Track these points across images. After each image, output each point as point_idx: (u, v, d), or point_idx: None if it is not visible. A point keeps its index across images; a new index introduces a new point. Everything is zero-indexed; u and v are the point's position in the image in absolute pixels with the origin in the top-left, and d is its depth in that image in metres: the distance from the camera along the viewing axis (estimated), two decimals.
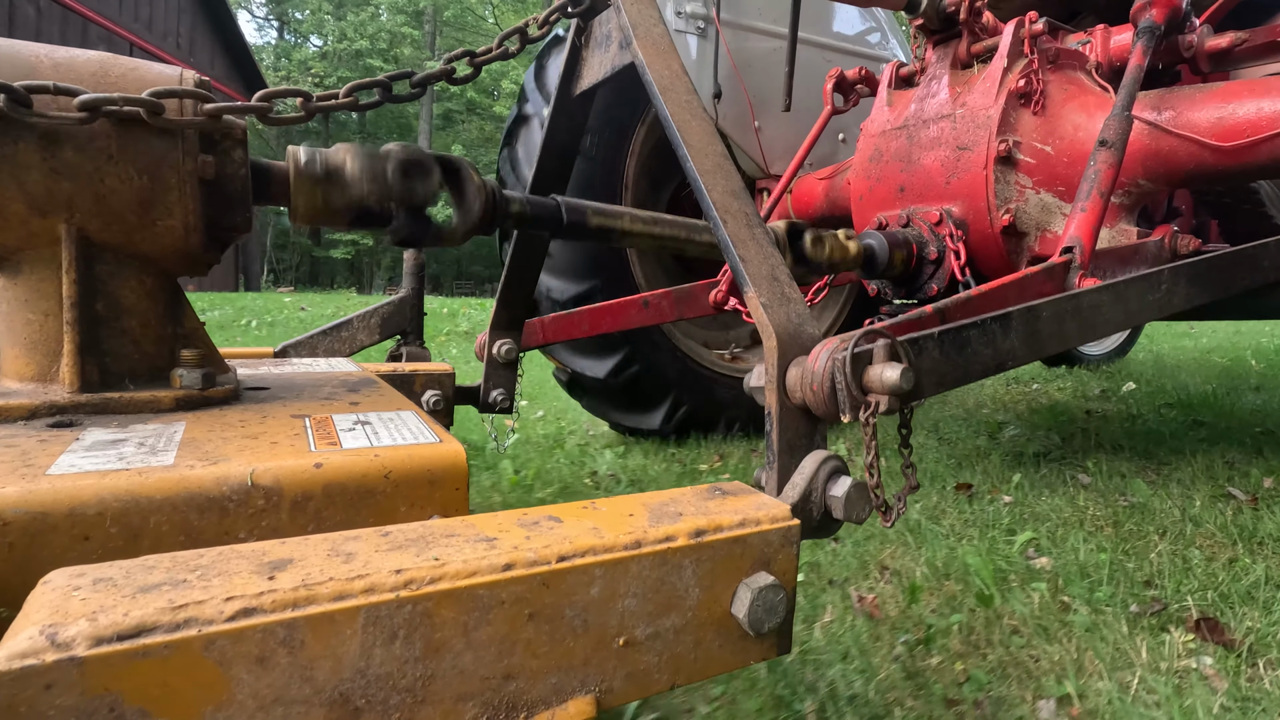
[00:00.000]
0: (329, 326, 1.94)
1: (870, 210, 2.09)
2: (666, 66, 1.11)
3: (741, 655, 0.67)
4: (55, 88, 0.78)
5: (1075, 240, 1.37)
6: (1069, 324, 1.07)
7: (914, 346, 0.82)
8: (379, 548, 0.56)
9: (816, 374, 0.75)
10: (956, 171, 1.87)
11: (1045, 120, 1.87)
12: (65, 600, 0.46)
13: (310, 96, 0.97)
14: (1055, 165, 1.86)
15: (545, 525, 0.62)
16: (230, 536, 0.67)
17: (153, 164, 0.85)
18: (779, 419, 0.78)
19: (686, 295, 2.20)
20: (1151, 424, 3.11)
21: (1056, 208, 1.86)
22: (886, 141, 2.07)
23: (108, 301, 0.90)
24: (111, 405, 0.87)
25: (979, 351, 0.92)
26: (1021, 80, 1.84)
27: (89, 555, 0.62)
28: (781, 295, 0.86)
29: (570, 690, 0.58)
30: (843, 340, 0.77)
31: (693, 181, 0.96)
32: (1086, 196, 1.45)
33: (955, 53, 2.02)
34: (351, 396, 1.08)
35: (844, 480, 0.75)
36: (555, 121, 1.55)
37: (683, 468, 2.61)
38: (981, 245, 1.85)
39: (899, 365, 0.73)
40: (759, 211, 2.67)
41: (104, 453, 0.71)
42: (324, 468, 0.72)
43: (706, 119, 1.05)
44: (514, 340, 1.83)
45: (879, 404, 0.73)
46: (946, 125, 1.92)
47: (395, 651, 0.51)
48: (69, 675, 0.42)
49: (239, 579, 0.50)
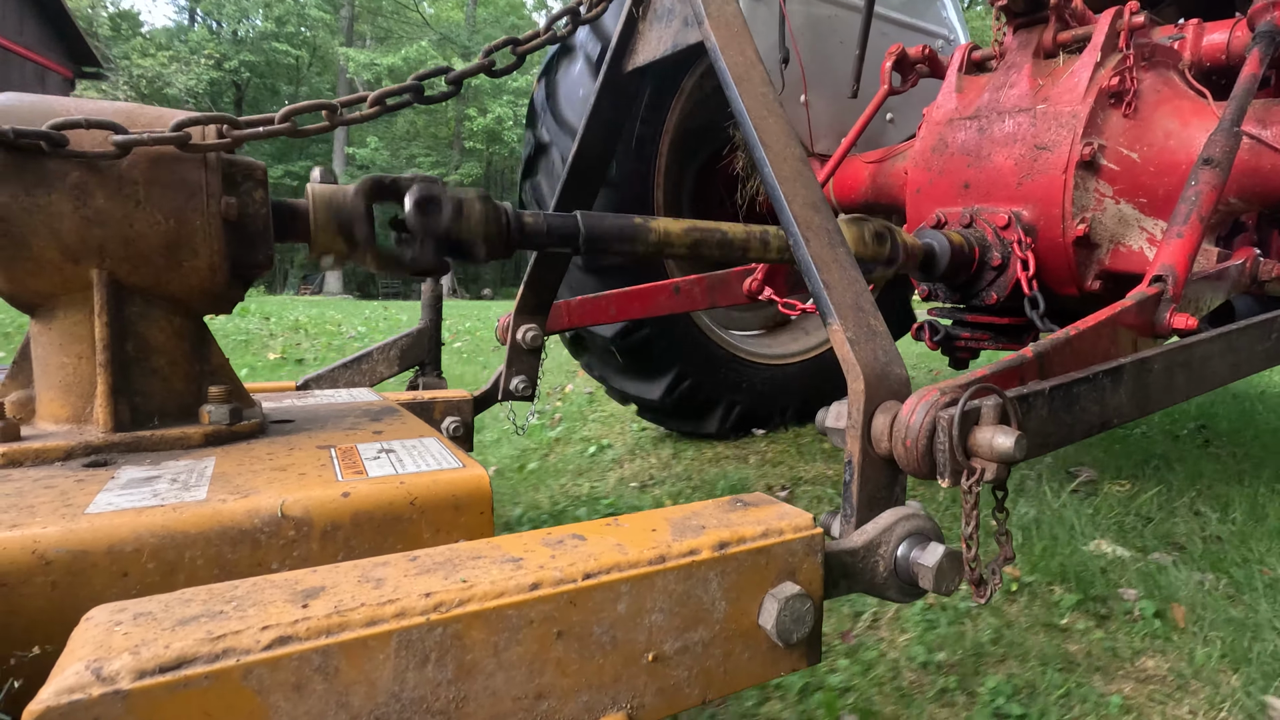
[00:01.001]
0: (349, 360, 1.97)
1: (929, 204, 1.94)
2: (741, 52, 1.00)
3: (771, 667, 0.67)
4: (89, 122, 0.81)
5: (1168, 270, 1.22)
6: (1178, 377, 0.98)
7: (1023, 404, 0.75)
8: (408, 572, 0.57)
9: (912, 429, 0.69)
10: (1032, 172, 1.73)
11: (1135, 124, 1.71)
12: (108, 635, 0.48)
13: (336, 108, 0.95)
14: (1140, 174, 1.70)
15: (570, 544, 0.62)
16: (263, 567, 0.69)
17: (179, 208, 0.88)
18: (860, 469, 0.72)
19: (720, 282, 2.09)
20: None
21: (1135, 220, 1.72)
22: (953, 131, 1.91)
23: (137, 342, 0.92)
24: (144, 443, 0.89)
25: (1087, 409, 0.84)
26: (1115, 78, 1.68)
27: (128, 591, 0.64)
28: (868, 329, 0.78)
29: (602, 708, 0.59)
30: (943, 393, 0.70)
31: (769, 189, 0.88)
32: (1184, 220, 1.30)
33: (1040, 40, 1.86)
34: (375, 425, 1.10)
35: (935, 547, 0.67)
36: (602, 98, 1.42)
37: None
38: (1049, 254, 1.72)
39: (1012, 432, 0.66)
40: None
41: (139, 490, 0.73)
42: (351, 497, 0.74)
43: (783, 115, 0.96)
44: (539, 326, 1.71)
45: (984, 471, 0.67)
46: (1025, 120, 1.77)
47: (428, 674, 0.52)
48: (115, 708, 0.44)
49: (273, 608, 0.51)
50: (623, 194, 2.46)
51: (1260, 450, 2.84)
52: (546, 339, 1.78)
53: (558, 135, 2.45)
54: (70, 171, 0.82)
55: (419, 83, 1.02)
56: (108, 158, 0.82)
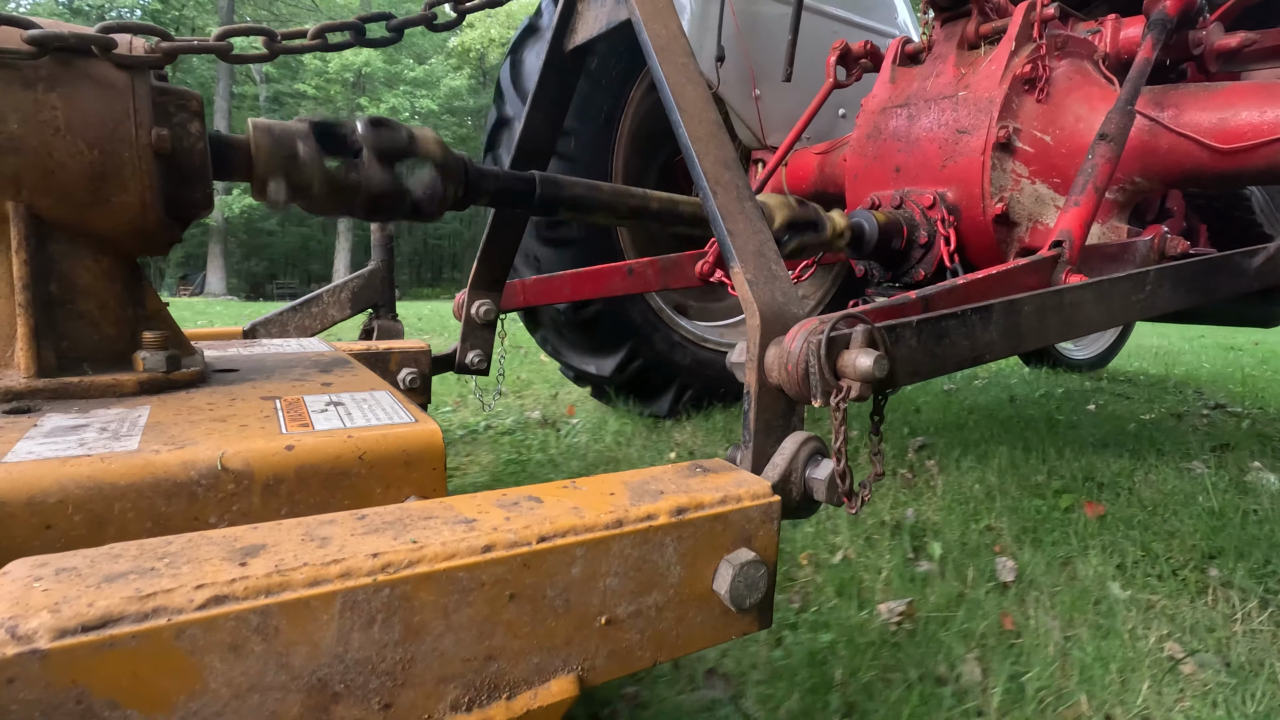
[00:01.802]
0: (298, 302, 1.90)
1: (864, 188, 2.05)
2: (664, 26, 1.06)
3: (723, 630, 0.67)
4: (3, 17, 0.73)
5: (1065, 235, 1.35)
6: (1050, 319, 1.06)
7: (891, 334, 0.81)
8: (355, 531, 0.55)
9: (792, 354, 0.74)
10: (954, 155, 1.84)
11: (1048, 109, 1.82)
12: (26, 592, 0.45)
13: (275, 35, 0.91)
14: (1053, 156, 1.82)
15: (525, 506, 0.61)
16: (200, 522, 0.66)
17: (104, 137, 0.81)
18: (757, 398, 0.77)
19: (673, 265, 2.16)
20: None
21: (1050, 199, 1.84)
22: (886, 119, 2.03)
23: (62, 283, 0.86)
24: (70, 390, 0.84)
25: (957, 342, 0.91)
26: (1027, 65, 1.79)
27: (52, 545, 0.60)
28: (768, 272, 0.84)
29: (552, 670, 0.58)
30: (821, 322, 0.76)
31: (684, 149, 0.93)
32: (1081, 190, 1.43)
33: (963, 32, 1.97)
34: (324, 377, 1.06)
35: (826, 463, 0.74)
36: (545, 78, 1.48)
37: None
38: (972, 232, 1.83)
39: (874, 352, 0.72)
40: (753, 184, 2.64)
41: (64, 439, 0.69)
42: (296, 450, 0.71)
43: (703, 84, 1.01)
44: (493, 301, 1.78)
45: (850, 390, 0.73)
46: (948, 106, 1.88)
47: (374, 636, 0.50)
48: (31, 669, 0.41)
49: (209, 566, 0.48)
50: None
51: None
52: (503, 316, 1.82)
53: (519, 109, 2.53)
54: None
55: (361, 23, 0.99)
56: (20, 56, 0.74)
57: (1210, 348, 7.20)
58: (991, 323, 0.96)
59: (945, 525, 1.81)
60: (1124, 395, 3.89)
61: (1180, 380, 4.68)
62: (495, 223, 1.64)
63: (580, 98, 2.51)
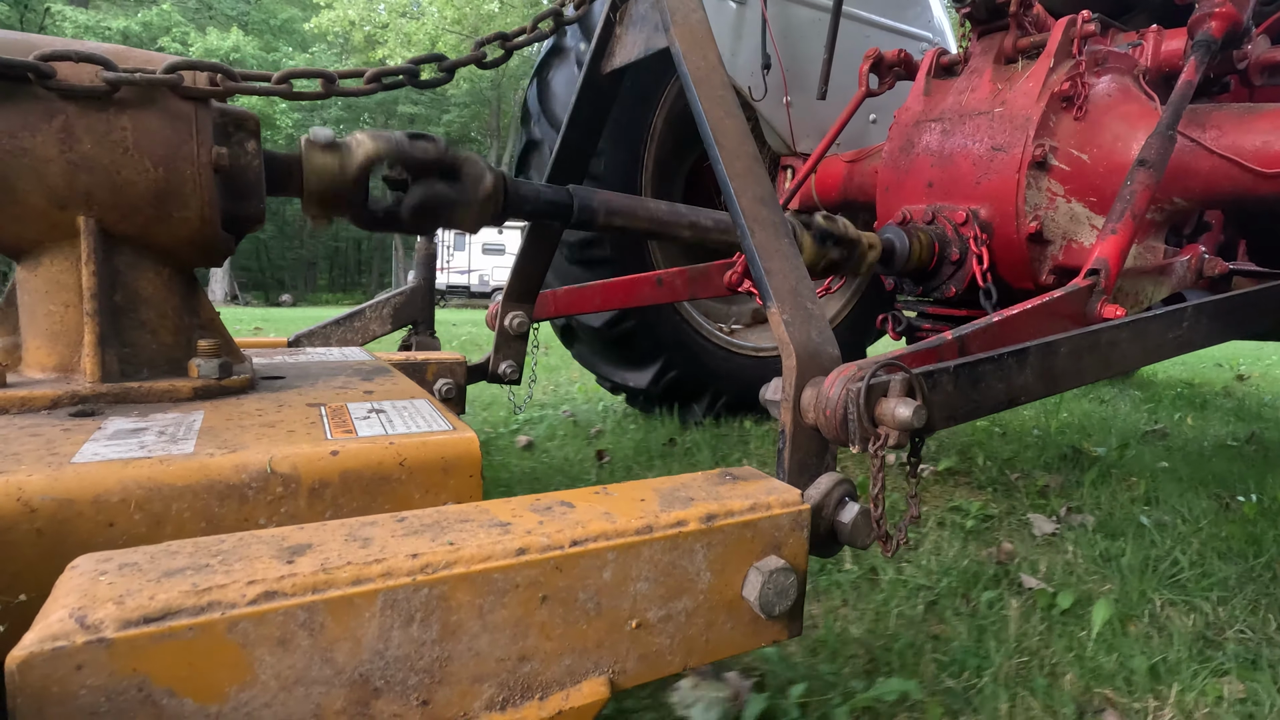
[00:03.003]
0: (341, 316, 1.96)
1: (896, 202, 2.03)
2: (703, 57, 1.07)
3: (753, 637, 0.68)
4: (80, 55, 0.79)
5: (1102, 264, 1.32)
6: (1086, 360, 1.05)
7: (929, 379, 0.81)
8: (395, 533, 0.57)
9: (830, 400, 0.75)
10: (989, 172, 1.81)
11: (1085, 127, 1.79)
12: (93, 584, 0.48)
13: (333, 78, 0.96)
14: (1090, 175, 1.79)
15: (558, 510, 0.62)
16: (250, 523, 0.69)
17: (168, 156, 0.86)
18: (792, 438, 0.79)
19: (701, 274, 2.17)
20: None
21: (1086, 218, 1.80)
22: (920, 133, 2.01)
23: (126, 293, 0.91)
24: (131, 395, 0.89)
25: (993, 386, 0.91)
26: (1066, 83, 1.75)
27: (114, 541, 0.63)
28: (804, 311, 0.85)
29: (584, 672, 0.59)
30: (859, 369, 0.77)
31: (722, 184, 0.94)
32: (1119, 218, 1.39)
33: (1001, 46, 1.93)
34: (366, 385, 1.09)
35: (852, 506, 0.75)
36: (582, 98, 1.50)
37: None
38: (1005, 250, 1.80)
39: (913, 402, 0.73)
40: (781, 191, 2.63)
41: (126, 441, 0.73)
42: (340, 455, 0.73)
43: (741, 116, 1.02)
44: (525, 313, 1.81)
45: (888, 438, 0.74)
46: (984, 122, 1.85)
47: (412, 634, 0.52)
48: (98, 657, 0.44)
49: (260, 563, 0.51)
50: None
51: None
52: (536, 326, 1.85)
53: (549, 132, 2.54)
54: (56, 114, 0.80)
55: (415, 66, 1.05)
56: (96, 94, 0.80)
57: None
58: (1028, 366, 0.96)
59: None
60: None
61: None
62: (530, 238, 1.67)
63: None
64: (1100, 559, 1.61)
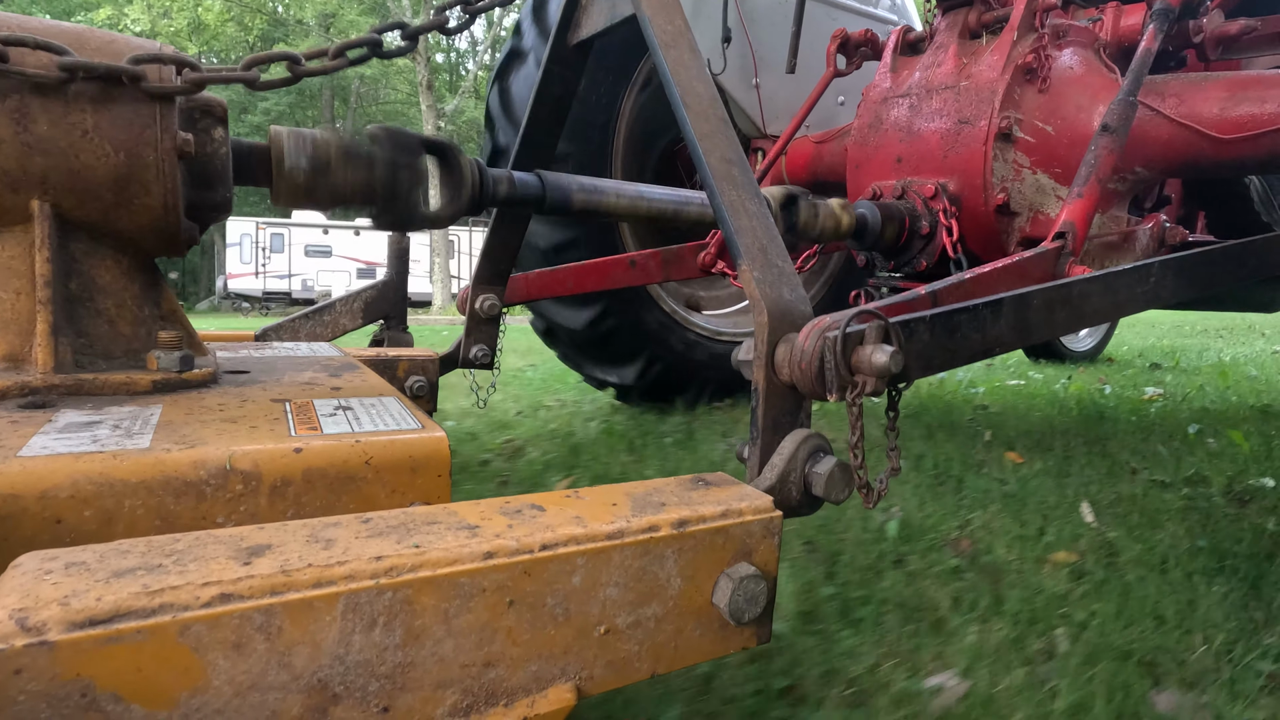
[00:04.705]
0: (311, 310, 1.92)
1: (866, 179, 2.04)
2: (669, 21, 1.05)
3: (722, 644, 0.67)
4: (35, 42, 0.76)
5: (1069, 226, 1.35)
6: (1058, 312, 1.06)
7: (905, 329, 0.81)
8: (359, 534, 0.55)
9: (806, 352, 0.75)
10: (956, 145, 1.82)
11: (1049, 99, 1.81)
12: (36, 584, 0.45)
13: (299, 59, 0.94)
14: (1055, 146, 1.81)
15: (528, 514, 0.61)
16: (207, 521, 0.67)
17: (130, 140, 0.83)
18: (765, 396, 0.77)
19: (674, 256, 2.16)
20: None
21: (1052, 189, 1.83)
22: (887, 109, 2.01)
23: (82, 280, 0.88)
24: (86, 387, 0.85)
25: (968, 336, 0.92)
26: (1029, 55, 1.78)
27: (61, 539, 0.61)
28: (775, 269, 0.84)
29: (550, 678, 0.58)
30: (834, 320, 0.76)
31: (690, 145, 0.93)
32: (1084, 182, 1.43)
33: (965, 21, 1.96)
34: (333, 381, 1.07)
35: (827, 460, 0.75)
36: (549, 71, 1.48)
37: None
38: (974, 223, 1.82)
39: (889, 348, 0.72)
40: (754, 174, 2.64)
41: (78, 435, 0.70)
42: (304, 453, 0.71)
43: (709, 79, 1.01)
44: (497, 295, 1.78)
45: (866, 385, 0.73)
46: (950, 96, 1.86)
47: (375, 638, 0.51)
48: (39, 660, 0.42)
49: (216, 564, 0.49)
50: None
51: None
52: (505, 310, 1.81)
53: (513, 138, 2.50)
54: (9, 95, 0.76)
55: (377, 34, 1.02)
56: (49, 82, 0.77)
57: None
58: (1002, 316, 0.97)
59: None
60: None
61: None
62: (499, 218, 1.64)
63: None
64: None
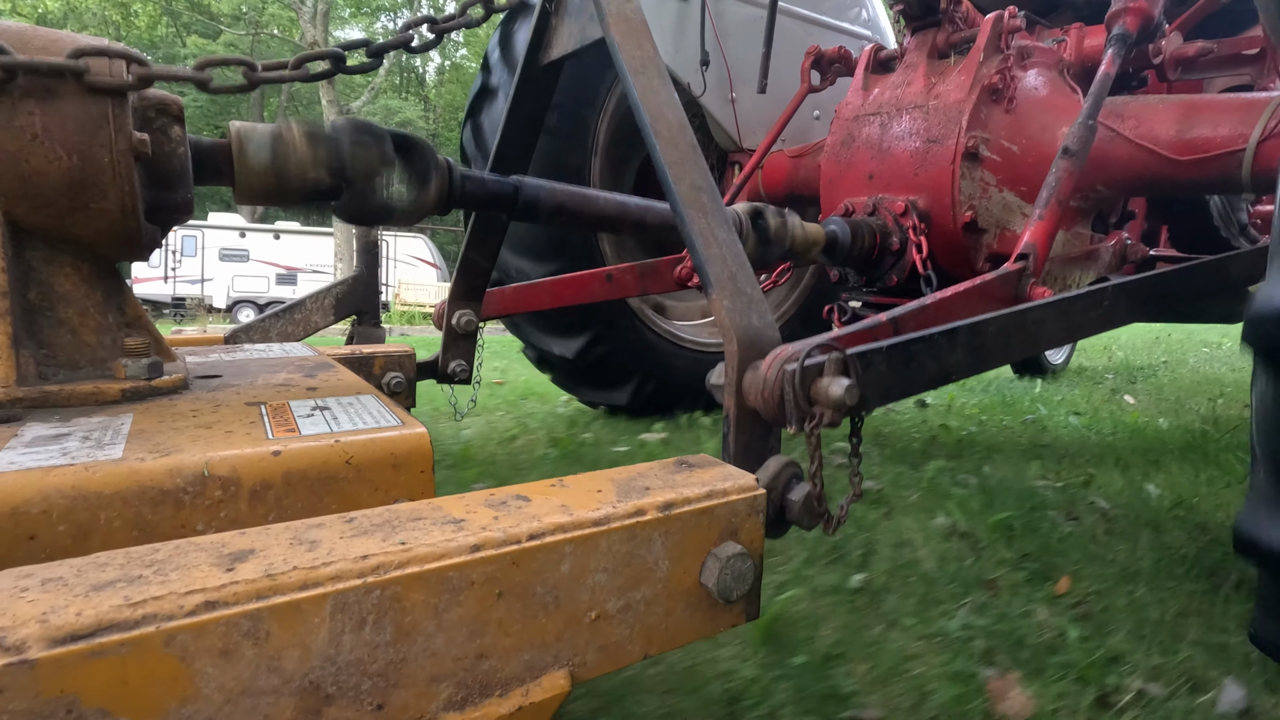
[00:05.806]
0: (281, 309, 1.89)
1: (838, 195, 2.08)
2: (638, 47, 1.06)
3: (711, 623, 0.68)
4: None
5: (1030, 248, 1.38)
6: (1014, 338, 1.09)
7: (863, 360, 0.82)
8: (344, 534, 0.55)
9: (768, 382, 0.76)
10: (925, 164, 1.87)
11: (1014, 119, 1.86)
12: (13, 603, 0.45)
13: (255, 66, 0.92)
14: (1020, 165, 1.86)
15: (513, 505, 0.61)
16: (188, 529, 0.66)
17: (83, 142, 0.80)
18: (735, 421, 0.79)
19: (651, 270, 2.18)
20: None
21: (1018, 207, 1.87)
22: (859, 126, 2.05)
23: (41, 290, 0.85)
24: (51, 399, 0.83)
25: (925, 365, 0.94)
26: (995, 75, 1.82)
27: (36, 555, 0.60)
28: (744, 297, 0.85)
29: (543, 666, 0.59)
30: (794, 350, 0.78)
31: (660, 172, 0.94)
32: (1045, 204, 1.46)
33: (934, 41, 2.00)
34: (308, 382, 1.06)
35: (801, 486, 0.76)
36: (521, 91, 1.49)
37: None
38: (943, 239, 1.86)
39: (845, 381, 0.74)
40: (729, 186, 2.67)
41: (46, 448, 0.68)
42: (283, 455, 0.70)
43: (678, 105, 1.02)
44: (473, 311, 1.78)
45: (824, 416, 0.75)
46: (919, 115, 1.91)
47: (365, 637, 0.51)
48: (21, 679, 0.41)
49: (198, 572, 0.48)
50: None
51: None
52: (482, 325, 1.83)
53: (505, 80, 2.52)
54: None
55: (341, 50, 1.00)
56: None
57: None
58: (958, 344, 0.99)
59: None
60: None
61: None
62: (475, 231, 1.64)
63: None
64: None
